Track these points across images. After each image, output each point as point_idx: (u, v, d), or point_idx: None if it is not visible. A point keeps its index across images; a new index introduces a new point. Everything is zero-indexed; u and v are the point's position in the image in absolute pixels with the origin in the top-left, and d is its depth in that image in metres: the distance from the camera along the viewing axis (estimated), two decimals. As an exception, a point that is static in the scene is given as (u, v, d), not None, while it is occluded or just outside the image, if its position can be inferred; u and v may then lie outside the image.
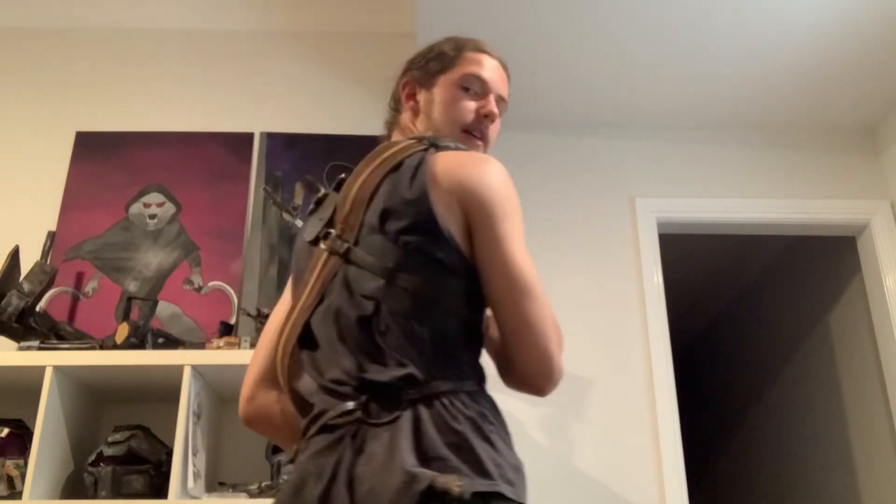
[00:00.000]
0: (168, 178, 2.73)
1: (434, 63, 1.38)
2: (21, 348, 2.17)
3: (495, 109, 1.35)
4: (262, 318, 2.37)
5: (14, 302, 2.20)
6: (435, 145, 1.23)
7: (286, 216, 2.66)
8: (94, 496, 2.07)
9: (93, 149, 2.77)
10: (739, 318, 4.65)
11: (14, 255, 2.29)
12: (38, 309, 2.32)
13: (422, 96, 1.38)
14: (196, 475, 2.09)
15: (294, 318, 1.21)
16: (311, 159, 2.78)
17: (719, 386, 4.96)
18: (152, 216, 2.68)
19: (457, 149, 1.24)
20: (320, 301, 1.18)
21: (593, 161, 3.00)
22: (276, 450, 2.21)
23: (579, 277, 2.82)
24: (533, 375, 1.12)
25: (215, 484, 2.30)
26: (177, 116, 2.87)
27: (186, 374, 2.10)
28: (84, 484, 2.10)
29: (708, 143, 3.04)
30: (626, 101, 2.90)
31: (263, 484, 2.14)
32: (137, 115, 2.86)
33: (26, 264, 2.44)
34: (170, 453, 2.17)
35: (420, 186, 1.15)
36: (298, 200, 2.71)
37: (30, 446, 2.10)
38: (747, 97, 2.87)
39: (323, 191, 1.31)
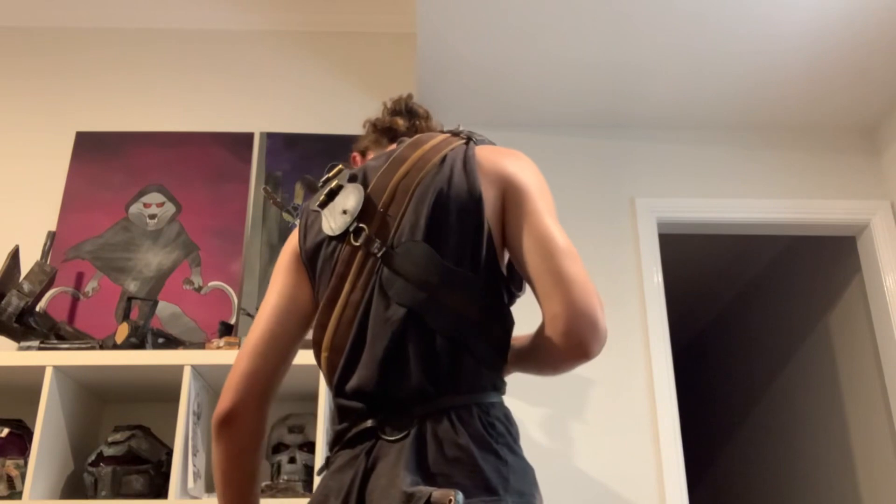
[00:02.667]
0: (168, 178, 2.73)
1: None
2: (21, 348, 2.17)
3: None
4: (262, 318, 2.36)
5: (14, 302, 2.20)
6: (472, 139, 1.25)
7: (286, 216, 2.66)
8: (94, 496, 2.07)
9: (93, 149, 2.77)
10: (739, 318, 4.65)
11: (14, 255, 2.29)
12: (38, 309, 2.32)
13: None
14: (196, 475, 2.09)
15: (342, 312, 1.15)
16: (311, 159, 2.78)
17: (719, 386, 4.96)
18: (152, 216, 2.68)
19: (490, 143, 1.27)
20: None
21: (593, 161, 3.00)
22: (276, 449, 2.21)
23: (579, 277, 2.81)
24: (579, 332, 1.05)
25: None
26: (177, 116, 2.87)
27: (186, 374, 2.10)
28: (84, 484, 2.10)
29: (708, 143, 3.04)
30: (625, 101, 2.90)
31: (263, 484, 2.14)
32: (137, 115, 2.87)
33: (26, 264, 2.44)
34: (170, 453, 2.17)
35: (470, 180, 1.16)
36: (298, 200, 2.71)
37: (30, 446, 2.10)
38: (747, 97, 2.87)
39: (335, 182, 1.26)
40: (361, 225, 1.18)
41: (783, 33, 2.55)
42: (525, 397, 2.62)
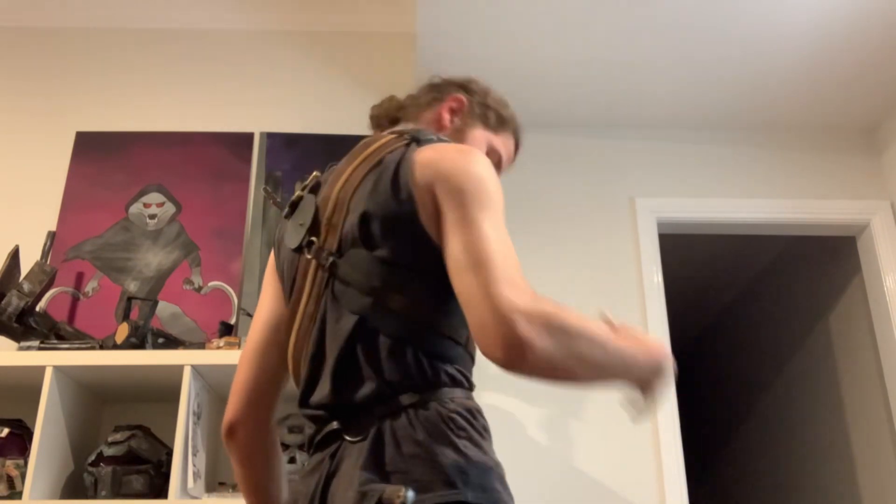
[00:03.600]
0: (168, 178, 2.73)
1: (490, 113, 1.38)
2: (21, 348, 2.17)
3: None
4: (262, 318, 2.36)
5: (14, 302, 2.20)
6: (416, 139, 1.18)
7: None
8: (94, 496, 2.07)
9: (93, 149, 2.77)
10: (739, 319, 4.65)
11: (14, 255, 2.29)
12: (38, 309, 2.32)
13: (460, 122, 1.36)
14: (196, 475, 2.09)
15: (300, 324, 1.17)
16: (311, 159, 2.77)
17: (719, 386, 4.96)
18: (152, 216, 2.68)
19: (439, 141, 1.19)
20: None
21: (593, 161, 3.00)
22: (276, 450, 2.21)
23: (579, 277, 2.82)
24: (487, 346, 0.94)
25: (215, 484, 2.30)
26: (177, 116, 2.87)
27: (186, 374, 2.10)
28: (84, 484, 2.10)
29: (708, 143, 3.04)
30: (626, 101, 2.90)
31: (263, 484, 2.14)
32: (137, 115, 2.86)
33: (26, 264, 2.44)
34: (170, 453, 2.17)
35: (402, 185, 1.10)
36: (298, 200, 2.71)
37: (30, 446, 2.10)
38: (747, 97, 2.87)
39: (298, 192, 1.28)
40: (312, 238, 1.18)
41: (783, 34, 2.55)
42: (525, 397, 2.61)
